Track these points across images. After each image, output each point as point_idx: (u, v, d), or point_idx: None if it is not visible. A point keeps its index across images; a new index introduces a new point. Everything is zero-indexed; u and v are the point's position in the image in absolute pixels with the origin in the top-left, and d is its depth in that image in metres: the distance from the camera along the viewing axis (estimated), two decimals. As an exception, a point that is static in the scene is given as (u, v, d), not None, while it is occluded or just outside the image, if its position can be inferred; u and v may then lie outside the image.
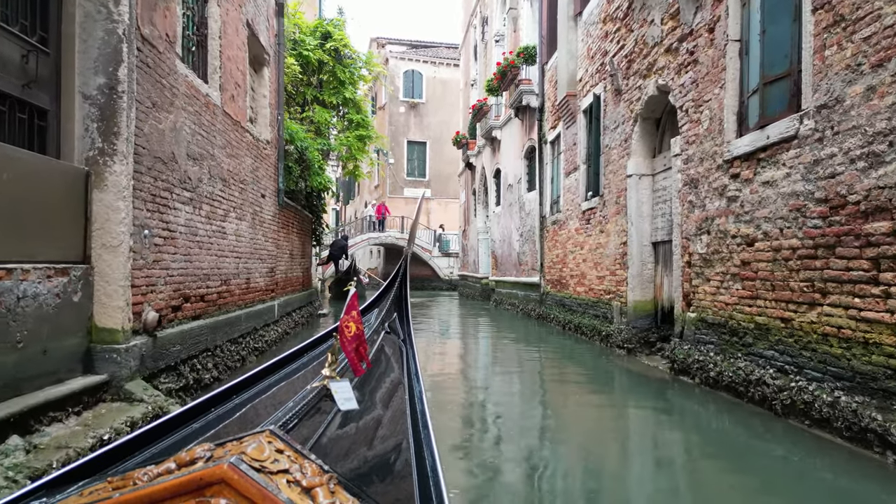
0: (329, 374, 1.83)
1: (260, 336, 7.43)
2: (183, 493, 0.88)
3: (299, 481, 0.95)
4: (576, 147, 10.31)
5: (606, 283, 8.60)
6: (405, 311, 4.03)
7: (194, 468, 0.92)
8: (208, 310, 5.61)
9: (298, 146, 9.51)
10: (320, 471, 1.00)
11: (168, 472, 0.94)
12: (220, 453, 0.96)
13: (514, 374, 7.06)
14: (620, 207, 8.09)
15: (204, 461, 0.94)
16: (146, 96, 4.23)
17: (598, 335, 8.63)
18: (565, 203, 10.98)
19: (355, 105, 11.98)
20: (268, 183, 8.09)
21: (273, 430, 1.07)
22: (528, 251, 13.79)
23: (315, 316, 12.85)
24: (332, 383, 1.78)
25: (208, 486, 0.88)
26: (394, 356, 2.99)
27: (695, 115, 5.98)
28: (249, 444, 0.98)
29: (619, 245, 8.10)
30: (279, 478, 0.93)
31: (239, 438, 1.04)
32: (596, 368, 7.36)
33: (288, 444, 1.04)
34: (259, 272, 7.66)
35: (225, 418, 1.80)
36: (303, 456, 1.03)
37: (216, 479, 0.87)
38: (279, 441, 1.03)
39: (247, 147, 7.03)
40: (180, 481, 0.89)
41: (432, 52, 32.79)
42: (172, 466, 0.95)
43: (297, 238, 10.76)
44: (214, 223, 5.80)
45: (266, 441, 1.01)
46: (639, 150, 7.70)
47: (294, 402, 1.63)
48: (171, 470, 0.94)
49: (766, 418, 4.55)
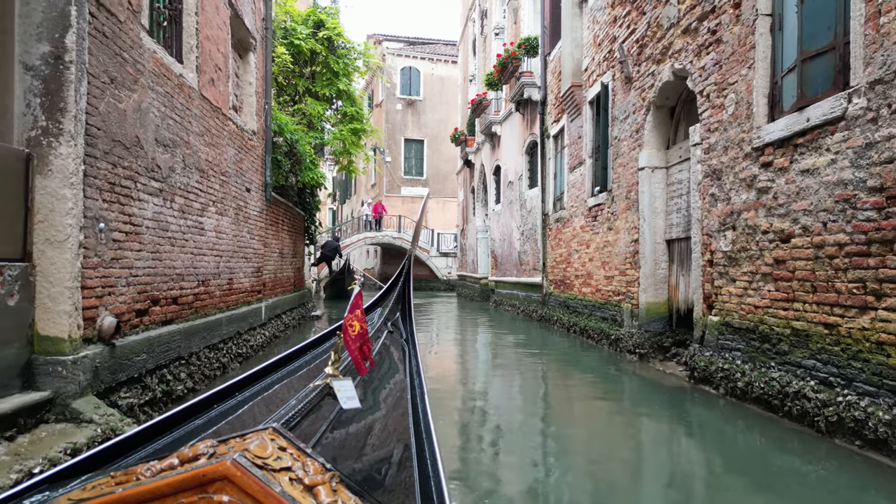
0: (332, 373, 1.82)
1: (244, 341, 6.89)
2: (185, 489, 0.88)
3: (301, 479, 0.94)
4: (581, 140, 9.80)
5: (615, 284, 8.09)
6: (408, 310, 4.01)
7: (197, 464, 0.91)
8: (182, 313, 5.07)
9: (288, 138, 8.97)
10: (322, 469, 1.00)
11: (171, 468, 0.93)
12: (223, 450, 0.96)
13: (516, 381, 6.54)
14: (631, 203, 7.58)
15: (207, 457, 0.94)
16: (102, 70, 3.69)
17: (607, 339, 8.11)
18: (570, 199, 10.47)
19: (349, 97, 11.43)
20: (254, 176, 7.55)
21: (276, 428, 1.05)
22: (530, 250, 13.28)
23: (308, 318, 12.31)
24: (335, 382, 1.77)
25: (211, 482, 0.88)
26: (397, 355, 2.96)
27: (717, 99, 5.46)
28: (252, 441, 0.98)
29: (630, 243, 7.58)
30: (281, 475, 0.93)
31: (242, 435, 1.03)
32: (605, 375, 6.85)
33: (291, 441, 1.03)
34: (244, 272, 7.12)
35: (228, 415, 1.79)
36: (305, 454, 1.02)
37: (219, 476, 0.87)
38: (282, 438, 1.03)
39: (229, 136, 6.49)
40: (183, 477, 0.89)
41: (430, 49, 32.24)
42: (175, 462, 0.94)
43: (287, 236, 10.23)
44: (190, 218, 5.26)
45: (269, 438, 1.00)
46: (651, 140, 7.18)
47: (297, 400, 1.62)
48: (174, 466, 0.94)
49: (806, 437, 4.03)
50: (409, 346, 3.35)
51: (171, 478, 0.89)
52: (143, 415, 4.12)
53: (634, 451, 4.19)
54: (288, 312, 10.25)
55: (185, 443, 1.06)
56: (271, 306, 8.58)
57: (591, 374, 6.99)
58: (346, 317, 1.91)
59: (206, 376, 5.39)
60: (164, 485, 0.89)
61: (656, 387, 5.96)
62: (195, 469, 0.89)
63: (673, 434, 4.54)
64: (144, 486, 0.90)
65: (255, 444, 0.96)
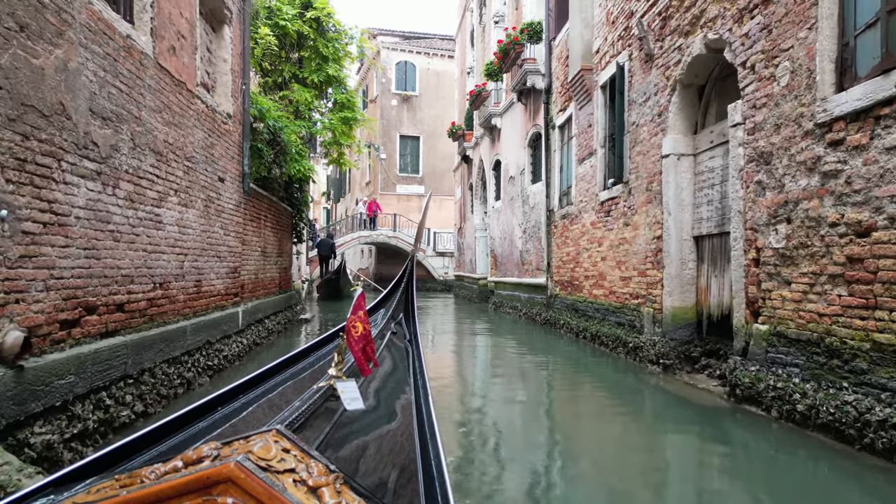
0: (336, 374, 1.81)
1: (216, 351, 6.05)
2: (190, 492, 0.88)
3: (305, 481, 0.94)
4: (591, 129, 8.99)
5: (634, 286, 7.28)
6: (411, 311, 3.98)
7: (201, 467, 0.91)
8: (131, 322, 4.23)
9: (271, 125, 8.12)
10: (327, 470, 0.99)
11: (175, 471, 0.93)
12: (226, 452, 0.95)
13: (522, 393, 5.72)
14: (653, 195, 6.77)
15: (210, 460, 0.93)
16: (6, 11, 2.85)
17: (623, 347, 7.30)
18: (578, 194, 9.66)
19: (340, 84, 10.58)
20: (228, 165, 6.71)
21: (280, 430, 1.05)
22: (533, 249, 12.47)
23: (295, 321, 11.47)
24: (339, 383, 1.76)
25: (215, 484, 0.87)
26: (400, 356, 2.93)
27: (766, 69, 4.66)
28: (256, 443, 0.97)
29: (652, 240, 6.78)
30: (285, 477, 0.92)
31: (246, 437, 1.02)
32: (625, 388, 6.05)
33: (294, 443, 1.03)
34: (216, 273, 6.28)
35: (231, 417, 1.77)
36: (309, 455, 1.02)
37: (223, 478, 0.87)
38: (286, 440, 1.02)
39: (197, 117, 5.65)
40: (187, 480, 0.88)
41: (426, 43, 31.36)
42: (179, 465, 0.94)
43: (271, 233, 9.38)
44: (142, 208, 4.42)
45: (273, 440, 1.00)
46: (677, 124, 6.38)
47: (300, 402, 1.61)
48: (177, 468, 0.94)
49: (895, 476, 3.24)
50: (412, 346, 3.30)
51: (175, 480, 0.89)
52: (70, 452, 3.28)
53: (666, 480, 3.41)
54: (272, 317, 9.41)
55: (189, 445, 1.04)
56: (251, 310, 7.73)
57: (608, 387, 6.18)
58: (350, 318, 1.89)
59: (162, 396, 4.55)
60: (169, 487, 0.88)
61: (687, 404, 5.16)
62: (199, 471, 0.89)
63: (713, 463, 3.74)
64: (149, 489, 0.90)
65: (258, 446, 0.95)
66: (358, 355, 1.89)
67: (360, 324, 1.89)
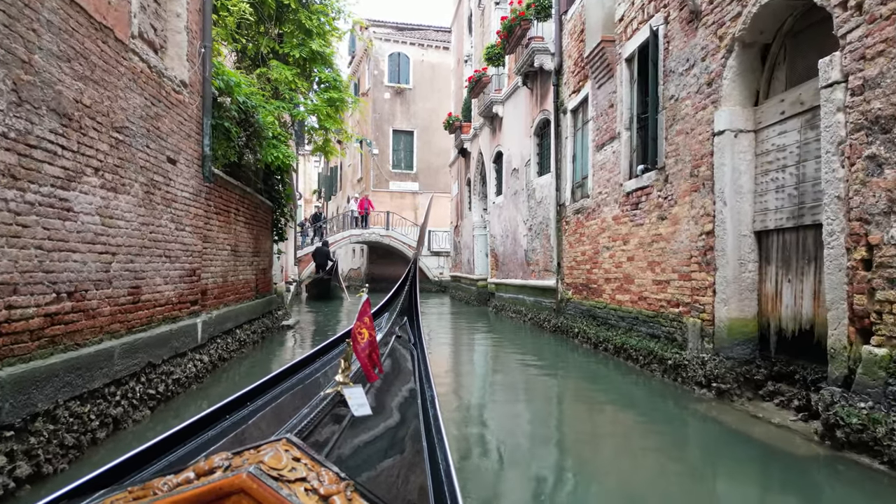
0: (342, 380, 1.79)
1: (163, 375, 4.81)
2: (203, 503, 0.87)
3: (317, 489, 0.93)
4: (613, 110, 7.82)
5: (673, 291, 6.10)
6: (415, 315, 3.99)
7: (213, 478, 0.90)
8: (14, 350, 3.00)
9: (241, 102, 6.89)
10: (337, 478, 0.98)
11: (187, 482, 0.92)
12: (237, 462, 0.95)
13: (533, 418, 4.54)
14: (699, 182, 5.60)
15: (222, 470, 0.93)
16: None
17: (659, 364, 6.13)
18: (596, 185, 8.48)
19: (325, 61, 9.35)
20: (183, 144, 5.47)
21: (290, 438, 1.04)
22: (540, 248, 11.29)
23: (276, 329, 10.22)
24: (346, 389, 1.74)
25: (227, 495, 0.87)
26: (405, 361, 2.93)
27: (882, 6, 3.49)
28: (267, 453, 0.97)
29: (698, 236, 5.60)
30: (297, 486, 0.92)
31: (256, 447, 1.02)
32: (665, 417, 4.89)
33: (304, 451, 1.02)
34: (164, 276, 5.05)
35: (240, 424, 1.77)
36: (319, 464, 1.00)
37: (235, 489, 0.86)
38: (296, 449, 1.02)
39: (133, 78, 4.42)
40: (200, 491, 0.88)
41: (420, 34, 30.09)
42: (192, 476, 0.94)
43: (245, 229, 8.14)
44: (34, 190, 3.18)
45: (283, 449, 0.99)
46: (734, 94, 5.20)
47: (309, 409, 1.59)
48: (190, 480, 0.93)
49: None
50: (417, 350, 3.31)
51: (188, 492, 0.88)
52: None
53: None
54: (246, 325, 8.17)
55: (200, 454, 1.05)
56: (216, 320, 6.50)
57: (643, 414, 5.03)
58: (355, 324, 1.88)
59: (66, 447, 3.31)
60: (182, 499, 0.88)
61: (753, 443, 4.02)
62: (212, 483, 0.88)
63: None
64: (162, 501, 0.89)
65: (269, 456, 0.95)
66: (364, 362, 1.88)
67: (366, 330, 1.88)
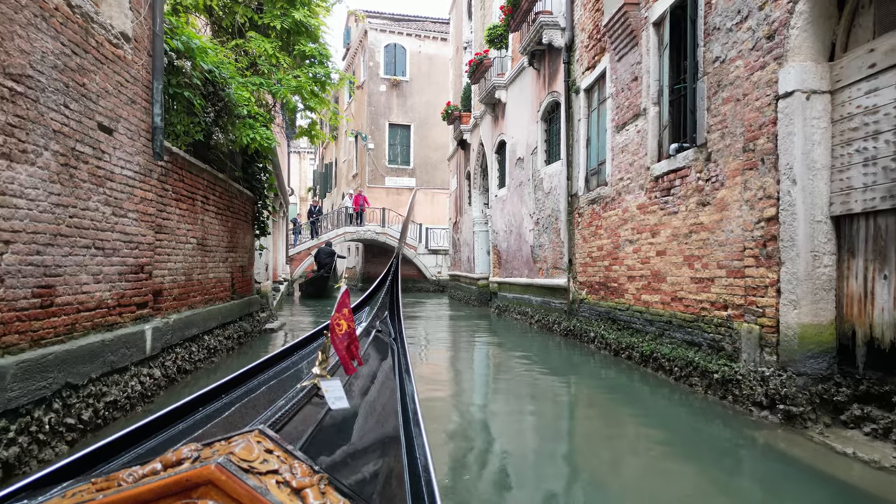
0: (320, 373, 1.76)
1: (89, 399, 3.78)
2: (169, 495, 0.85)
3: (289, 482, 0.90)
4: (637, 83, 6.82)
5: (718, 291, 5.10)
6: (396, 309, 3.95)
7: (181, 469, 0.88)
8: None
9: (207, 71, 5.86)
10: (310, 471, 0.95)
11: (154, 473, 0.90)
12: (207, 454, 0.92)
13: (548, 443, 3.54)
14: (756, 157, 4.60)
15: (191, 462, 0.90)
16: None
17: (702, 377, 5.13)
18: (616, 170, 7.48)
19: (310, 35, 8.34)
20: (123, 110, 4.44)
21: (262, 430, 1.02)
22: (548, 243, 10.28)
23: (256, 333, 9.20)
24: (323, 382, 1.72)
25: (195, 487, 0.85)
26: (385, 355, 2.90)
27: None
28: (238, 444, 0.94)
29: (756, 223, 4.60)
30: (268, 478, 0.89)
31: (227, 438, 0.99)
32: (713, 446, 3.91)
33: (277, 443, 1.00)
34: (94, 273, 4.02)
35: (213, 418, 1.72)
36: (293, 456, 0.98)
37: (203, 481, 0.84)
38: (268, 441, 0.99)
39: (40, 14, 3.39)
40: (166, 482, 0.86)
41: (417, 25, 29.03)
42: (158, 467, 0.91)
43: (217, 221, 7.12)
44: None
45: (255, 441, 0.97)
46: (804, 47, 4.20)
47: (284, 401, 1.56)
48: (156, 471, 0.90)
49: None
50: (397, 345, 3.27)
51: (153, 483, 0.86)
52: None
53: None
54: (218, 330, 7.14)
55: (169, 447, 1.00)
56: (176, 326, 5.47)
57: (679, 438, 4.06)
58: (334, 315, 1.84)
59: None
60: (147, 490, 0.85)
61: (842, 490, 3.03)
62: (179, 474, 0.85)
63: None
64: (126, 493, 0.87)
65: (240, 447, 0.93)
66: (342, 354, 1.85)
67: (345, 321, 1.84)
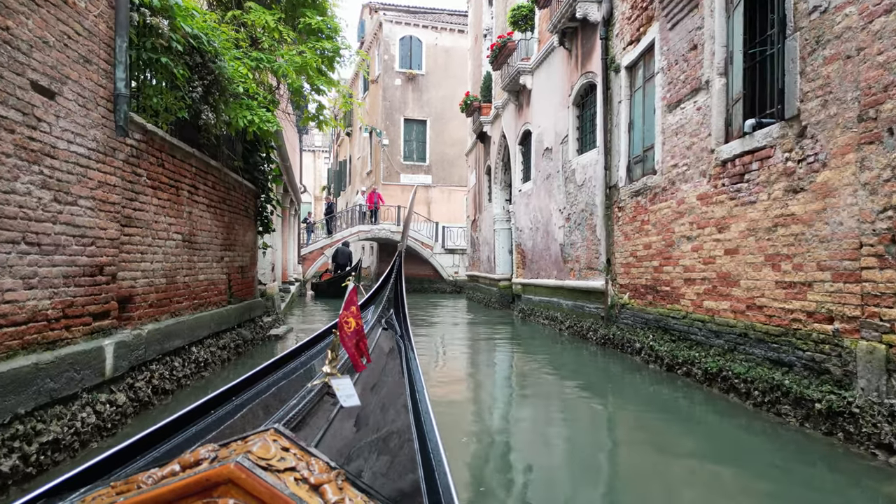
0: (330, 371, 1.79)
1: (15, 441, 2.87)
2: (190, 495, 0.85)
3: (307, 478, 0.91)
4: (698, 52, 5.78)
5: (819, 298, 4.06)
6: (402, 306, 4.01)
7: (199, 469, 0.88)
8: None
9: (192, 36, 4.95)
10: (327, 467, 0.96)
11: (173, 475, 0.90)
12: (224, 453, 0.93)
13: (585, 485, 2.57)
14: (880, 128, 3.55)
15: (209, 462, 0.91)
16: None
17: (796, 405, 4.09)
18: (668, 156, 6.45)
19: (316, 6, 7.42)
20: (72, 70, 3.54)
21: (278, 428, 1.02)
22: (581, 241, 9.26)
23: (259, 340, 8.29)
24: (334, 380, 1.75)
25: (215, 486, 0.84)
26: (393, 351, 2.95)
27: None
28: (255, 443, 0.94)
29: (879, 213, 3.56)
30: (286, 476, 0.89)
31: (243, 438, 1.00)
32: (818, 497, 2.87)
33: (293, 441, 1.00)
34: (26, 276, 3.12)
35: (227, 419, 1.75)
36: (309, 453, 0.98)
37: (223, 479, 0.84)
38: (284, 439, 0.99)
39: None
40: (186, 482, 0.85)
41: (433, 17, 28.05)
42: (177, 468, 0.92)
43: (209, 215, 6.22)
44: None
45: (271, 439, 0.97)
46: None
47: (297, 400, 1.60)
48: (175, 472, 0.91)
49: None
50: (404, 341, 3.33)
51: (174, 484, 0.85)
52: None
53: None
54: (210, 340, 6.24)
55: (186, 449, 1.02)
56: (151, 338, 4.57)
57: (767, 483, 3.02)
58: (342, 314, 1.87)
59: None
60: (168, 491, 0.85)
61: None
62: (198, 473, 0.85)
63: None
64: (146, 494, 0.87)
65: (257, 446, 0.93)
66: (351, 351, 1.87)
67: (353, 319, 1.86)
